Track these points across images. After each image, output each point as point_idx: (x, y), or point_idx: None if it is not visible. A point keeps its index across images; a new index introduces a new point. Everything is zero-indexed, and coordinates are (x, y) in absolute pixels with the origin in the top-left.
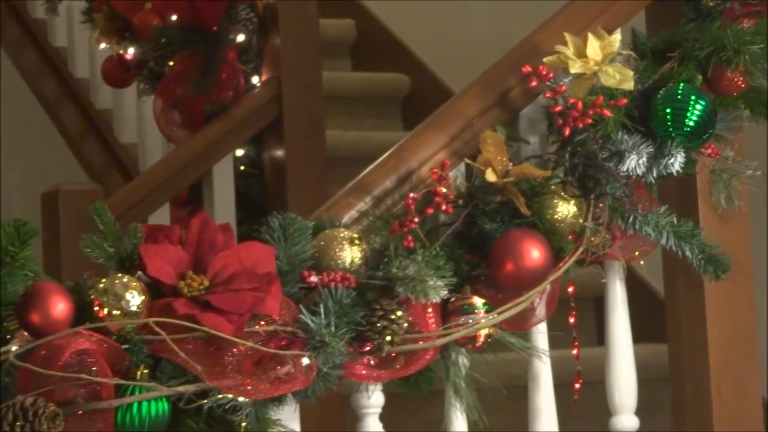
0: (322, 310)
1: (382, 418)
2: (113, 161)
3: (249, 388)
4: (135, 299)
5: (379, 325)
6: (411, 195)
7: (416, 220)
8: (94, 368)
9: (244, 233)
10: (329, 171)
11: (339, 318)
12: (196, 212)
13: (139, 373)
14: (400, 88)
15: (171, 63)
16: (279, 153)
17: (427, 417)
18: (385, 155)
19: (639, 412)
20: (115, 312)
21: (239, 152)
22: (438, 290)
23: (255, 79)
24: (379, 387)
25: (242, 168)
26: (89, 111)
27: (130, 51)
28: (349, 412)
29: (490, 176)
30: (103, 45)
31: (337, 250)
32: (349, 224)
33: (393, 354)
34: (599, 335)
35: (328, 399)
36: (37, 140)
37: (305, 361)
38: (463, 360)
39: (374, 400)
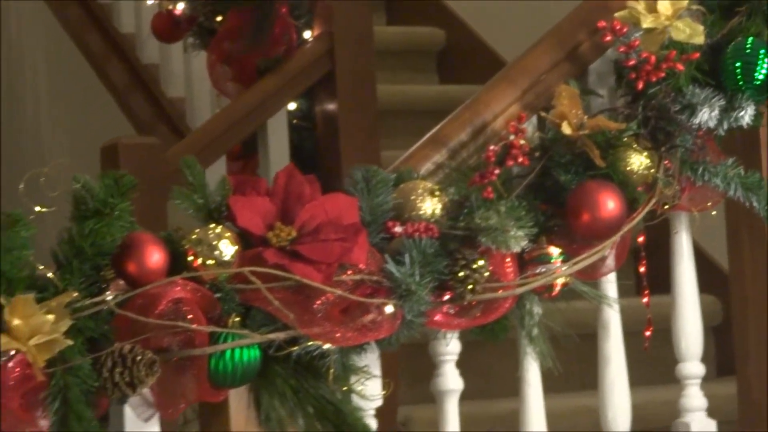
0: (407, 260)
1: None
2: (160, 115)
3: (337, 335)
4: (228, 249)
5: (461, 274)
6: (491, 147)
7: (497, 172)
8: (189, 316)
9: None
10: None
11: (423, 267)
12: (249, 165)
13: (231, 321)
14: (435, 42)
15: (220, 18)
16: (331, 107)
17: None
18: (459, 109)
19: None
20: (209, 262)
21: (291, 106)
22: (519, 240)
23: (307, 34)
24: (456, 335)
25: (294, 122)
26: (135, 66)
27: (180, 6)
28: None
29: (566, 129)
30: (150, 0)
31: (418, 201)
32: (425, 176)
33: (473, 302)
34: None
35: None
36: (82, 97)
37: (389, 309)
38: (537, 308)
39: (452, 347)
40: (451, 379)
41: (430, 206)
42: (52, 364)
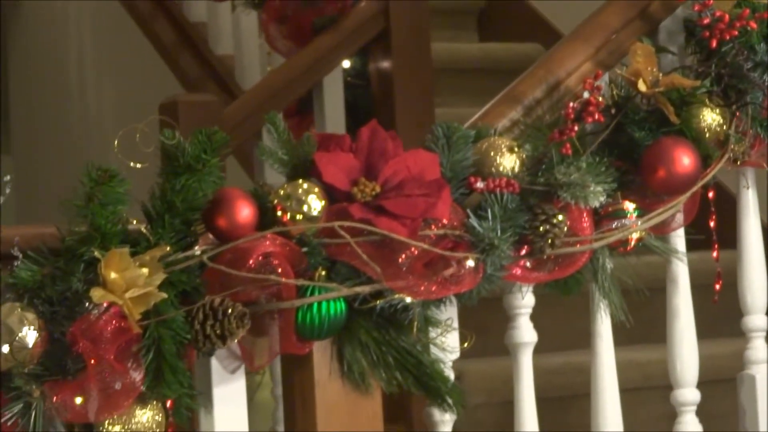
0: (489, 215)
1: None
2: (209, 73)
3: (421, 288)
4: (316, 204)
5: (541, 229)
6: (571, 104)
7: (576, 128)
8: (279, 270)
9: None
10: None
11: (504, 222)
12: (303, 123)
13: (317, 274)
14: (476, 1)
15: None
16: (386, 64)
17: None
18: (533, 66)
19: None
20: (297, 216)
21: (345, 64)
22: (598, 195)
23: None
24: (531, 288)
25: (348, 79)
26: (183, 24)
27: None
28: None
29: (642, 86)
30: None
31: (498, 157)
32: (501, 133)
33: (550, 257)
34: None
35: None
36: (128, 57)
37: (470, 263)
38: (609, 262)
39: (527, 300)
40: (526, 332)
41: (509, 162)
42: (146, 317)
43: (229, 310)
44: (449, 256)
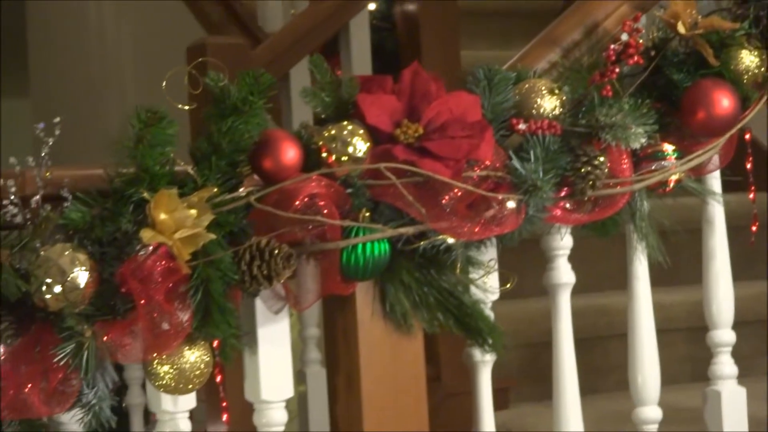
0: (531, 156)
1: None
2: (231, 17)
3: (464, 229)
4: (361, 146)
5: (583, 170)
6: (612, 46)
7: (617, 70)
8: (324, 211)
9: None
10: None
11: (546, 164)
12: (330, 64)
13: (361, 216)
14: None
15: None
16: (411, 7)
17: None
18: (570, 9)
19: None
20: (343, 158)
21: (371, 7)
22: (639, 137)
23: None
24: (569, 230)
25: (374, 22)
26: None
27: None
28: None
29: (681, 28)
30: None
31: (538, 99)
32: (540, 75)
33: (590, 198)
34: None
35: None
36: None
37: (511, 204)
38: (646, 204)
39: (565, 242)
40: (564, 273)
41: (550, 104)
42: (194, 258)
43: (276, 251)
44: (492, 198)
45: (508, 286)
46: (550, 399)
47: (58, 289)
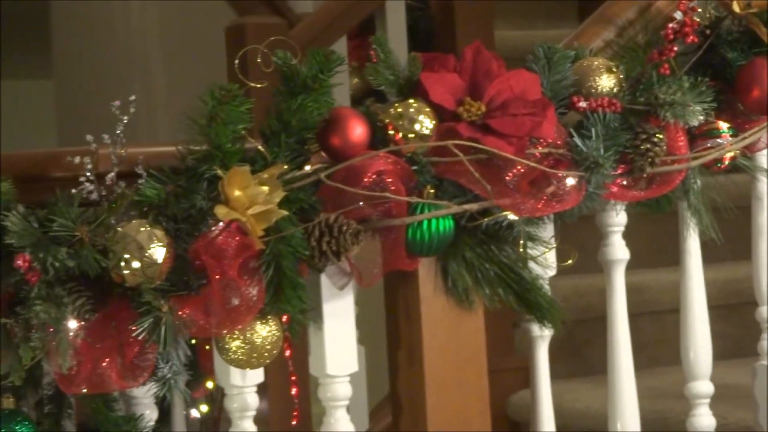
0: (592, 134)
1: None
2: None
3: (527, 206)
4: (427, 123)
5: (642, 147)
6: (670, 25)
7: (675, 48)
8: (392, 188)
9: None
10: None
11: (607, 141)
12: (365, 45)
13: (426, 192)
14: None
15: None
16: None
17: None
18: None
19: None
20: (409, 135)
21: None
22: (696, 115)
23: None
24: (623, 207)
25: (409, 2)
26: None
27: None
28: None
29: (736, 7)
30: None
31: (596, 77)
32: (596, 53)
33: (648, 175)
34: None
35: None
36: None
37: (570, 181)
38: (699, 181)
39: (620, 218)
40: (619, 249)
41: (608, 82)
42: (266, 234)
43: (345, 227)
44: (554, 174)
45: (570, 261)
46: (584, 376)
47: (136, 264)
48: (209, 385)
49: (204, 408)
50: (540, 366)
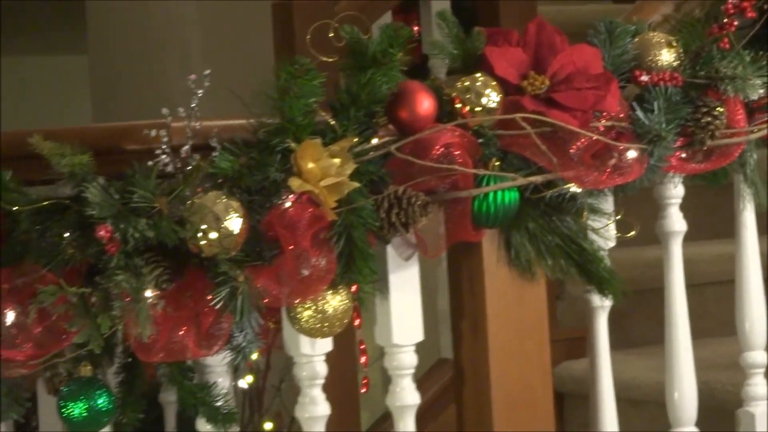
0: (654, 107)
1: None
2: None
3: (590, 178)
4: (494, 97)
5: (703, 120)
6: (731, 0)
7: (735, 23)
8: (459, 161)
9: None
10: None
11: (668, 114)
12: (409, 19)
13: (491, 165)
14: None
15: None
16: None
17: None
18: None
19: None
20: (476, 109)
21: None
22: (757, 88)
23: None
24: (680, 179)
25: None
26: None
27: None
28: None
29: None
30: None
31: (656, 51)
32: (654, 27)
33: (705, 148)
34: None
35: None
36: None
37: (632, 154)
38: (755, 154)
39: (678, 191)
40: (677, 221)
41: (668, 56)
42: (337, 206)
43: (413, 199)
44: (618, 147)
45: (632, 233)
46: (629, 347)
47: (213, 235)
48: (254, 356)
49: (249, 379)
50: (600, 336)
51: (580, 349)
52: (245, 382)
